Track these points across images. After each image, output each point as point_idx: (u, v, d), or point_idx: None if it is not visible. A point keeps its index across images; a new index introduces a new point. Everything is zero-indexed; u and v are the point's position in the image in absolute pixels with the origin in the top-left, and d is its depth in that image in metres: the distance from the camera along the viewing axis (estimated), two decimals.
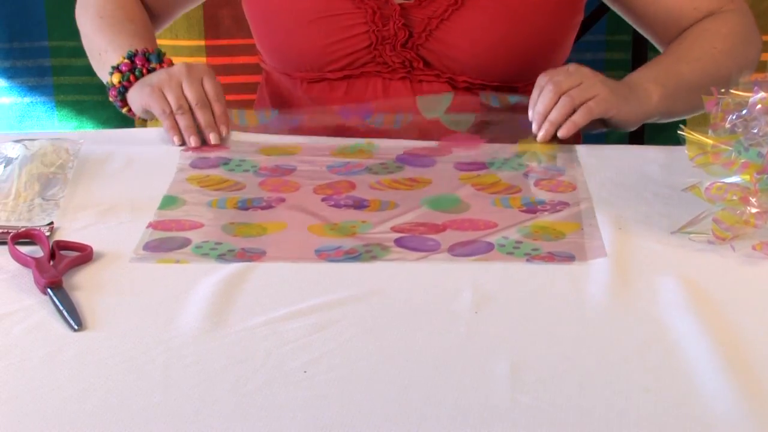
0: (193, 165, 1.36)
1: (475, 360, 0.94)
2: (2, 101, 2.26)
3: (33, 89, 2.26)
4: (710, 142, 1.16)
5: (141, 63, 1.49)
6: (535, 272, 1.09)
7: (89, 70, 2.23)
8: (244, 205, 1.25)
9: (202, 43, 2.18)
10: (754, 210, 1.13)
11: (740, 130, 1.15)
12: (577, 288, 1.06)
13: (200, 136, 1.41)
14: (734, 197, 1.13)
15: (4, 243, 1.15)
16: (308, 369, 0.92)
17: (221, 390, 0.90)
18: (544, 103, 1.38)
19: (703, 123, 1.19)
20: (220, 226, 1.20)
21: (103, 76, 1.57)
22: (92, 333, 0.99)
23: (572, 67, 1.41)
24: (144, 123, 2.27)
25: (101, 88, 2.25)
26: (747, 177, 1.13)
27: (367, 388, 0.90)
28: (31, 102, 2.26)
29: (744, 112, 1.15)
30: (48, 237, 1.16)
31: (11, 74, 2.25)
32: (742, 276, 1.09)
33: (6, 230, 1.17)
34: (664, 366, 0.93)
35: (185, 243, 1.17)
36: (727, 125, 1.15)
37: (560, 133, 1.37)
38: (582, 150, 1.44)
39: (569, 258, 1.12)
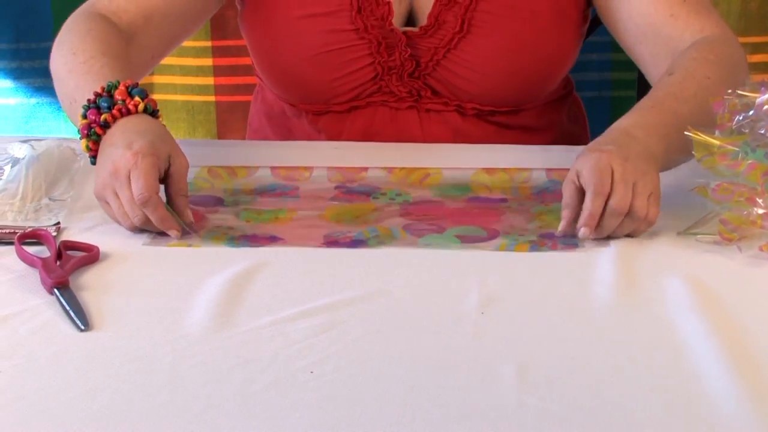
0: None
1: (481, 361, 0.94)
2: (8, 102, 2.26)
3: (39, 90, 2.26)
4: (717, 142, 1.15)
5: (93, 117, 1.23)
6: (542, 273, 1.09)
7: None
8: (261, 190, 1.29)
9: (209, 44, 2.18)
10: (760, 211, 1.12)
11: (747, 131, 1.15)
12: (584, 289, 1.06)
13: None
14: (741, 198, 1.13)
15: (11, 243, 1.15)
16: (315, 369, 0.92)
17: (228, 390, 0.90)
18: (610, 225, 1.17)
19: (710, 124, 1.18)
20: (233, 212, 1.24)
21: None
22: (99, 333, 0.99)
23: (619, 173, 1.17)
24: None
25: None
26: (754, 178, 1.13)
27: (374, 388, 0.90)
28: (38, 103, 2.27)
29: (751, 113, 1.15)
30: (55, 237, 1.16)
31: (17, 75, 2.25)
32: (749, 277, 1.09)
33: (13, 230, 1.18)
34: (671, 366, 0.93)
35: (198, 228, 1.19)
36: (734, 126, 1.15)
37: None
38: None
39: (573, 246, 1.14)
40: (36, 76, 2.25)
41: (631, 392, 0.89)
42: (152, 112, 1.25)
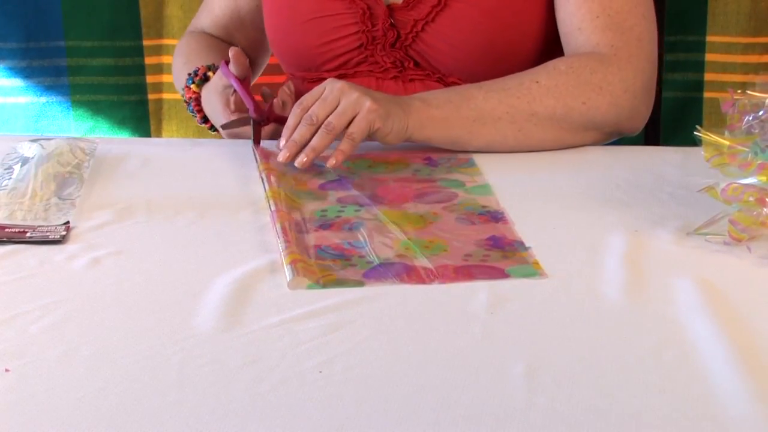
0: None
1: (490, 361, 0.94)
2: (18, 101, 2.27)
3: (49, 89, 2.27)
4: (727, 143, 1.15)
5: (203, 72, 1.55)
6: (551, 273, 1.09)
7: (105, 70, 2.25)
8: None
9: None
10: None
11: (757, 131, 1.15)
12: (593, 289, 1.06)
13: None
14: (750, 198, 1.13)
15: (20, 242, 1.15)
16: (323, 369, 0.92)
17: (236, 390, 0.90)
18: (301, 134, 1.33)
19: (719, 124, 1.18)
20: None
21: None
22: (107, 332, 0.99)
23: (328, 87, 1.35)
24: (159, 127, 2.28)
25: (117, 88, 2.27)
26: (763, 178, 1.13)
27: (382, 388, 0.90)
28: (48, 102, 2.27)
29: (761, 113, 1.15)
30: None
31: (27, 74, 2.26)
32: (758, 277, 1.09)
33: (22, 229, 1.18)
34: (679, 367, 0.93)
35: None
36: (744, 126, 1.15)
37: (330, 163, 1.31)
38: (597, 151, 1.44)
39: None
40: (46, 75, 2.26)
41: (639, 393, 0.89)
42: None
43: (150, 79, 2.26)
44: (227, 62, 1.44)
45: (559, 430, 0.84)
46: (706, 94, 2.17)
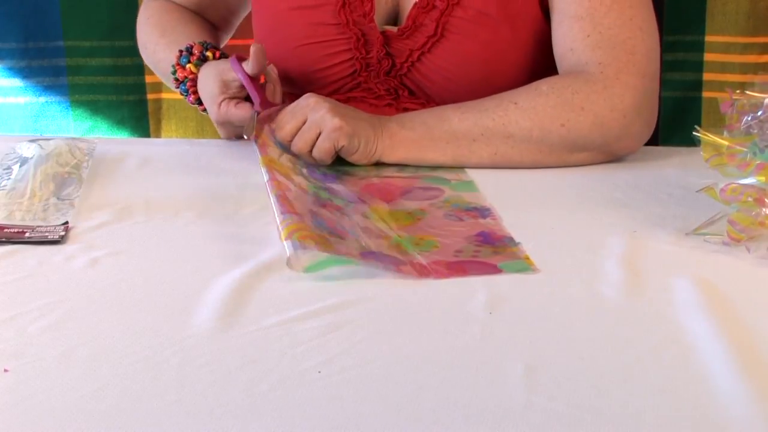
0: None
1: (489, 361, 0.94)
2: (18, 101, 2.27)
3: (48, 89, 2.27)
4: (725, 143, 1.15)
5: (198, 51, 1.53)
6: (550, 273, 1.09)
7: (104, 70, 2.25)
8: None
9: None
10: None
11: (755, 131, 1.15)
12: (592, 289, 1.06)
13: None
14: (749, 199, 1.13)
15: (19, 242, 1.15)
16: (322, 369, 0.92)
17: (235, 390, 0.90)
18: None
19: (718, 124, 1.18)
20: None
21: (169, 81, 1.61)
22: (106, 332, 0.99)
23: (301, 101, 1.37)
24: (158, 127, 2.28)
25: (116, 88, 2.27)
26: (762, 178, 1.13)
27: (381, 388, 0.90)
28: (46, 102, 2.27)
29: (759, 113, 1.15)
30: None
31: (26, 74, 2.25)
32: (757, 277, 1.09)
33: (21, 230, 1.18)
34: (679, 367, 0.93)
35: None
36: (743, 126, 1.15)
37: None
38: None
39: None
40: (45, 75, 2.26)
41: (639, 393, 0.89)
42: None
43: (149, 78, 2.26)
44: (239, 58, 1.43)
45: (558, 430, 0.84)
46: (705, 94, 2.17)
